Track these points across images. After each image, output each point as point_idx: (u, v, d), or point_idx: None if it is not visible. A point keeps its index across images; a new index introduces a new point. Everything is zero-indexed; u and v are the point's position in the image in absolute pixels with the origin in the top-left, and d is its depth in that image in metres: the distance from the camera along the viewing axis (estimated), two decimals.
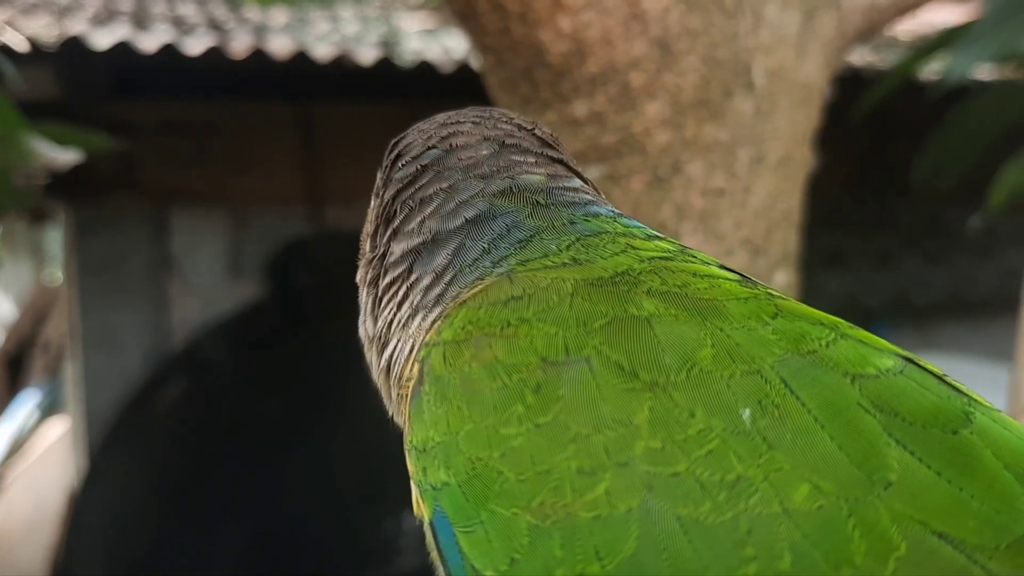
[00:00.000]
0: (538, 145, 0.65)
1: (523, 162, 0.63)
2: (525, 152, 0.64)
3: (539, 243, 0.59)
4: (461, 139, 0.64)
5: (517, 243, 0.59)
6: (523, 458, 0.48)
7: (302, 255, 3.54)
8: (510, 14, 1.00)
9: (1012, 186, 2.06)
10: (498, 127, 0.66)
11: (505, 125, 0.66)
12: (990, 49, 1.93)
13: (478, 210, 0.61)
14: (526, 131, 0.66)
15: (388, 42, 3.21)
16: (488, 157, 0.63)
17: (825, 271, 4.16)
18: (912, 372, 0.50)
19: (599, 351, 0.50)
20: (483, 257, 0.59)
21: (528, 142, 0.65)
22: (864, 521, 0.44)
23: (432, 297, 0.60)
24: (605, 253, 0.58)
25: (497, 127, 0.66)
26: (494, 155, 0.63)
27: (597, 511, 0.46)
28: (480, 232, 0.60)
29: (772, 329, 0.51)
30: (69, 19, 2.89)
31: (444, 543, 0.51)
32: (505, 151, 0.64)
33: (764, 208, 1.10)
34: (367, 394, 0.65)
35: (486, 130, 0.65)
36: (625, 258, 0.57)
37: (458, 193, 0.62)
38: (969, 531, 0.44)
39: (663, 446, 0.47)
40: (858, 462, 0.45)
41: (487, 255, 0.59)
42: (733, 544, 0.44)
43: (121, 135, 2.57)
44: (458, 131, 0.65)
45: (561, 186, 0.63)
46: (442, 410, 0.52)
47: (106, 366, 3.34)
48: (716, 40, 1.03)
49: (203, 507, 3.15)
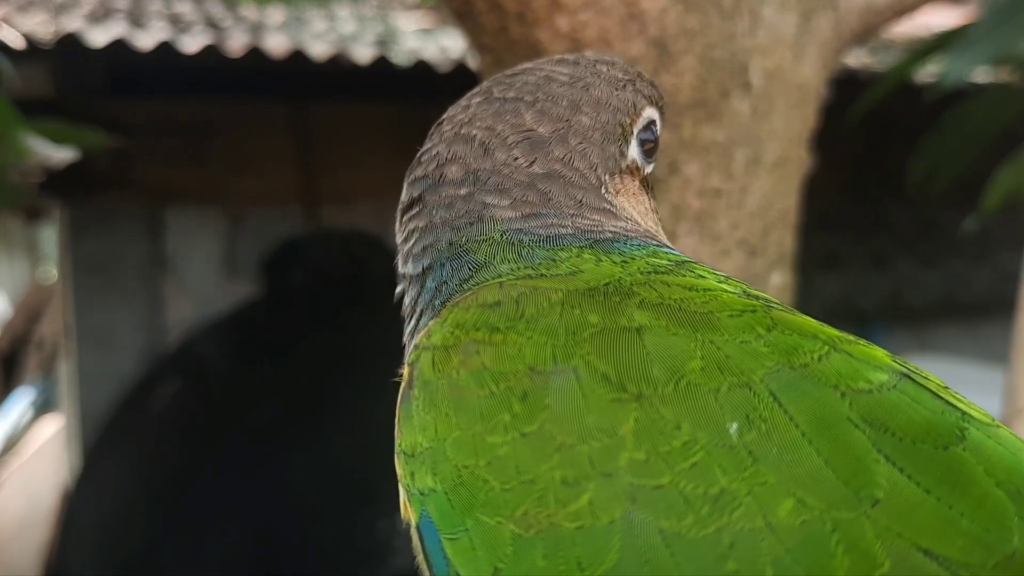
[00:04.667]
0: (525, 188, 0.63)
1: (495, 205, 0.62)
2: (503, 194, 0.63)
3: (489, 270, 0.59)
4: (452, 169, 0.64)
5: (463, 280, 0.60)
6: (508, 467, 0.48)
7: (297, 255, 3.54)
8: (508, 13, 1.00)
9: (1007, 189, 2.06)
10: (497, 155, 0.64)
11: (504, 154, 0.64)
12: (986, 52, 1.93)
13: (431, 259, 0.62)
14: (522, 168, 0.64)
15: (385, 41, 3.21)
16: (463, 199, 0.63)
17: (820, 273, 4.16)
18: (906, 387, 0.49)
19: (587, 361, 0.50)
20: (430, 302, 0.62)
21: (517, 183, 0.63)
22: (848, 537, 0.44)
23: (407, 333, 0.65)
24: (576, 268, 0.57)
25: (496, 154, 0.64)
26: (468, 197, 0.63)
27: (580, 522, 0.46)
28: (432, 278, 0.62)
29: (765, 342, 0.50)
30: (65, 16, 2.88)
31: (430, 548, 0.51)
32: (483, 192, 0.63)
33: (761, 209, 1.10)
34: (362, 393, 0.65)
35: (480, 158, 0.64)
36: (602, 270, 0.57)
37: (426, 236, 0.64)
38: (957, 549, 0.44)
39: (647, 458, 0.46)
40: (845, 478, 0.45)
41: (435, 298, 0.61)
42: (715, 558, 0.44)
43: (116, 133, 2.56)
44: (456, 156, 0.65)
45: (528, 226, 0.61)
46: (430, 416, 0.52)
47: (100, 365, 3.34)
48: (713, 41, 1.03)
49: (197, 506, 3.14)
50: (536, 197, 0.63)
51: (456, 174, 0.64)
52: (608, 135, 0.67)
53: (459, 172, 0.64)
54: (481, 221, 0.62)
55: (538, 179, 0.63)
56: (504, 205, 0.62)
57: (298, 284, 3.51)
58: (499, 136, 0.64)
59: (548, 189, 0.63)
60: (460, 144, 0.65)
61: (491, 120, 0.65)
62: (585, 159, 0.65)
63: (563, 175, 0.64)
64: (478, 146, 0.64)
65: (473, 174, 0.63)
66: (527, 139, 0.64)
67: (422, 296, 0.63)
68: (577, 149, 0.65)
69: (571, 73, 0.68)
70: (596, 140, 0.66)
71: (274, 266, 3.50)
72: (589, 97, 0.67)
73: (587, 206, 0.64)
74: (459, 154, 0.65)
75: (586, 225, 0.62)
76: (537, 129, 0.64)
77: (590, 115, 0.66)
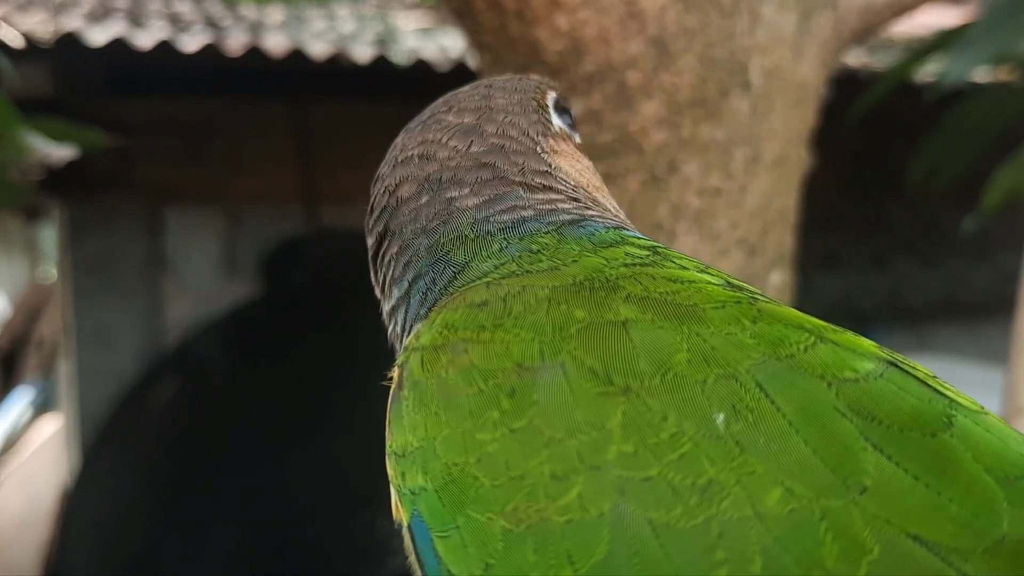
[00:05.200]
0: (474, 170, 0.65)
1: (456, 197, 0.64)
2: (460, 185, 0.64)
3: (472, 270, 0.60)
4: (405, 189, 0.66)
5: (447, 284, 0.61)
6: (498, 463, 0.48)
7: (297, 254, 3.54)
8: (507, 12, 1.00)
9: (1006, 188, 2.06)
10: (439, 155, 0.66)
11: (444, 151, 0.66)
12: (986, 52, 1.93)
13: (415, 271, 0.63)
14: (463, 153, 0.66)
15: (384, 40, 3.21)
16: (426, 204, 0.64)
17: (820, 273, 4.16)
18: (893, 375, 0.49)
19: (574, 356, 0.50)
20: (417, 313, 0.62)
21: (465, 168, 0.65)
22: (836, 525, 0.44)
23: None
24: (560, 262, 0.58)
25: (438, 155, 0.66)
26: (431, 201, 0.64)
27: (569, 515, 0.46)
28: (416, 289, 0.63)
29: (751, 333, 0.50)
30: (64, 15, 2.88)
31: (421, 547, 0.51)
32: (442, 190, 0.64)
33: (760, 208, 1.10)
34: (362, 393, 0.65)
35: (425, 166, 0.66)
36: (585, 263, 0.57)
37: (404, 254, 0.64)
38: (946, 534, 0.44)
39: (635, 450, 0.47)
40: (833, 466, 0.45)
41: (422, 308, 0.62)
42: (704, 548, 0.44)
43: (116, 133, 2.56)
44: (404, 178, 0.66)
45: (492, 212, 0.63)
46: (420, 415, 0.52)
47: (100, 364, 3.34)
48: (713, 39, 1.03)
49: (196, 505, 3.14)
50: (488, 174, 0.65)
51: (411, 190, 0.66)
52: (526, 107, 0.71)
53: (413, 187, 0.66)
54: (450, 217, 0.63)
55: (482, 155, 0.66)
56: (465, 194, 0.64)
57: (298, 284, 3.52)
58: (433, 142, 0.67)
59: (493, 161, 0.66)
60: (402, 168, 0.67)
61: (419, 137, 0.68)
62: (516, 127, 0.68)
63: (501, 145, 0.67)
64: (419, 159, 0.66)
65: (426, 181, 0.65)
66: (458, 130, 0.67)
67: (409, 313, 0.64)
68: (505, 122, 0.68)
69: (470, 87, 0.74)
70: (518, 112, 0.70)
71: (274, 266, 3.50)
72: (495, 90, 0.72)
73: (529, 170, 0.66)
74: (406, 175, 0.66)
75: (541, 202, 0.64)
76: (464, 121, 0.68)
77: (503, 98, 0.70)
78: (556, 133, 0.71)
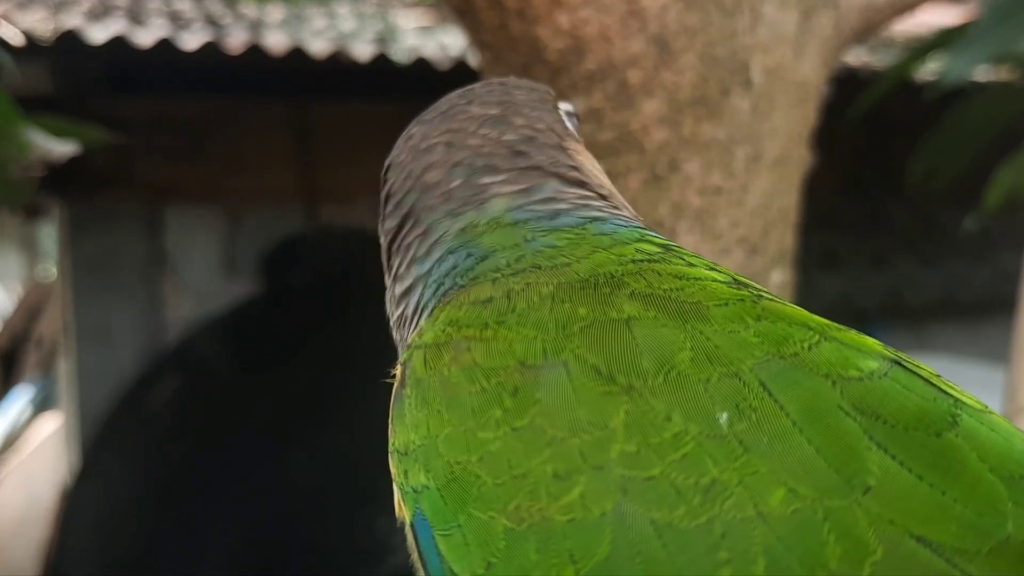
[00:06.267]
0: (509, 158, 0.65)
1: (492, 183, 0.63)
2: (494, 171, 0.64)
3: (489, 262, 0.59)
4: (433, 174, 0.65)
5: (466, 271, 0.60)
6: (500, 462, 0.48)
7: (297, 253, 3.54)
8: (508, 10, 1.00)
9: (1007, 188, 2.06)
10: (468, 143, 0.65)
11: (474, 139, 0.65)
12: (987, 51, 1.93)
13: (443, 250, 0.62)
14: (496, 140, 0.65)
15: (384, 39, 3.20)
16: (459, 188, 0.64)
17: (820, 272, 4.16)
18: (897, 374, 0.49)
19: (577, 354, 0.50)
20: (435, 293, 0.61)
21: (500, 156, 0.65)
22: (840, 525, 0.44)
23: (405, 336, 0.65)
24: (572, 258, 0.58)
25: (467, 143, 0.65)
26: (463, 185, 0.64)
27: (572, 515, 0.46)
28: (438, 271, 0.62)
29: (754, 332, 0.50)
30: (64, 13, 2.88)
31: (424, 545, 0.51)
32: (475, 175, 0.64)
33: (761, 207, 1.10)
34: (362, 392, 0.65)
35: (454, 153, 0.65)
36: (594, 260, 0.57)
37: (430, 235, 0.63)
38: (950, 534, 0.44)
39: (638, 450, 0.46)
40: (836, 466, 0.45)
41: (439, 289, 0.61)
42: (707, 548, 0.44)
43: (116, 131, 2.56)
44: (430, 164, 0.65)
45: (529, 201, 0.63)
46: (423, 413, 0.52)
47: (99, 362, 3.34)
48: (714, 38, 1.03)
49: (196, 504, 3.14)
50: (524, 162, 0.64)
51: (439, 175, 0.65)
52: (545, 105, 0.70)
53: (441, 172, 0.65)
54: (485, 202, 0.63)
55: (516, 144, 0.65)
56: (500, 180, 0.63)
57: (298, 283, 3.51)
58: (460, 131, 0.66)
59: (528, 151, 0.65)
60: (427, 155, 0.66)
61: (443, 126, 0.67)
62: (542, 121, 0.68)
63: (532, 137, 0.66)
64: (445, 146, 0.66)
65: (457, 166, 0.64)
66: (487, 120, 0.66)
67: (424, 295, 0.63)
68: (532, 115, 0.68)
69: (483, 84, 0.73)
70: (540, 108, 0.69)
71: (273, 264, 3.49)
72: (512, 88, 0.71)
73: (561, 163, 0.66)
74: (432, 161, 0.65)
75: (576, 196, 0.64)
76: (490, 112, 0.67)
77: (523, 95, 0.70)
78: (571, 134, 0.71)
